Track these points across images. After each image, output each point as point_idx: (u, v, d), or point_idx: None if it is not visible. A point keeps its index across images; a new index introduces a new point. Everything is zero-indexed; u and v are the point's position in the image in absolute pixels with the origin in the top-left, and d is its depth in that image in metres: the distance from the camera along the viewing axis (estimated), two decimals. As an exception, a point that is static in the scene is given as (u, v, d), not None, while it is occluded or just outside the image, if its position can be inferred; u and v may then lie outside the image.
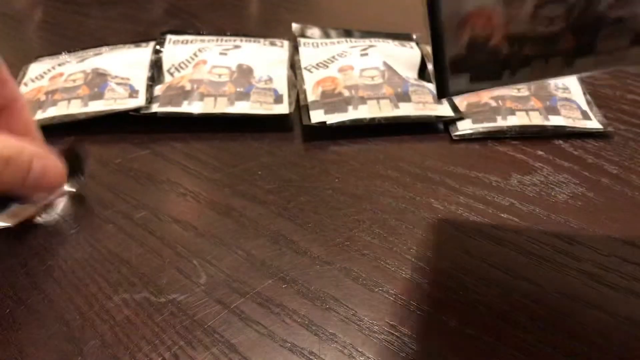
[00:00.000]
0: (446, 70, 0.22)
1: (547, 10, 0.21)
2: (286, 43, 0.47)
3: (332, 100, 0.40)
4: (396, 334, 0.25)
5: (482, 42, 0.22)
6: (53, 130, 0.39)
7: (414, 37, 0.49)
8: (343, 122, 0.38)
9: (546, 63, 0.22)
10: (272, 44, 0.47)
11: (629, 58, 0.23)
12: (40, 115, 0.39)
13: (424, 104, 0.39)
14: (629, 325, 0.25)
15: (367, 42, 0.46)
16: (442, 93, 0.23)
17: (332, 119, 0.38)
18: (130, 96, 0.41)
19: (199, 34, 0.49)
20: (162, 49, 0.46)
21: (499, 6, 0.21)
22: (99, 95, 0.40)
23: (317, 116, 0.38)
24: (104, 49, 0.48)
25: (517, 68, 0.23)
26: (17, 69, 0.46)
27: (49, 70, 0.44)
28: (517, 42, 0.22)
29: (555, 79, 0.29)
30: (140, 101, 0.40)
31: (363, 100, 0.39)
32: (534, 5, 0.21)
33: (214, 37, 0.48)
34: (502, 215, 0.31)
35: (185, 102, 0.39)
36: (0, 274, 0.28)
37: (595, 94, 0.44)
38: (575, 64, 0.23)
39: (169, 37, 0.47)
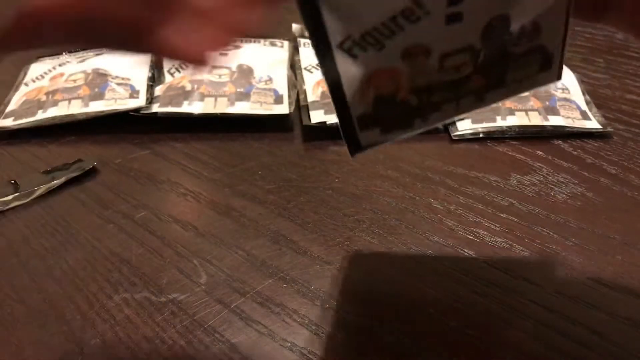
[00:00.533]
0: (355, 128, 0.21)
1: (452, 61, 0.20)
2: (286, 43, 0.48)
3: (332, 100, 0.40)
4: (396, 333, 0.25)
5: (389, 98, 0.20)
6: (54, 130, 0.39)
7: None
8: (343, 122, 0.38)
9: (457, 104, 0.22)
10: (272, 44, 0.47)
11: (538, 82, 0.23)
12: (41, 115, 0.39)
13: (423, 104, 0.40)
14: (628, 325, 0.25)
15: (367, 42, 0.46)
16: (355, 149, 0.21)
17: (332, 119, 0.38)
18: (131, 96, 0.41)
19: (199, 34, 0.49)
20: (162, 50, 0.46)
21: (401, 65, 0.19)
22: (99, 96, 0.40)
23: (317, 116, 0.39)
24: (104, 49, 0.48)
25: (428, 114, 0.22)
26: (18, 69, 0.46)
27: (49, 71, 0.44)
28: (425, 93, 0.21)
29: (468, 114, 0.29)
30: (140, 101, 0.40)
31: (363, 100, 0.39)
32: (439, 58, 0.20)
33: (214, 38, 0.48)
34: (502, 215, 0.31)
35: (186, 102, 0.40)
36: (1, 274, 0.28)
37: (595, 94, 0.44)
38: (487, 98, 0.22)
39: (169, 37, 0.47)
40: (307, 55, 0.46)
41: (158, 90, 0.42)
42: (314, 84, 0.42)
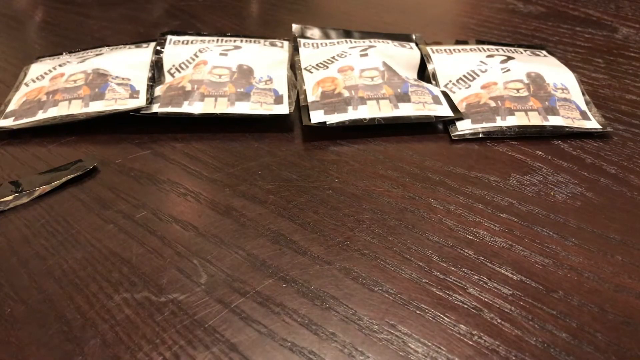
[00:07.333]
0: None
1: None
2: (286, 43, 0.48)
3: (332, 100, 0.40)
4: (396, 333, 0.25)
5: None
6: (54, 130, 0.39)
7: (414, 37, 0.49)
8: (343, 122, 0.38)
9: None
10: (272, 44, 0.47)
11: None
12: (41, 115, 0.39)
13: (423, 104, 0.40)
14: (627, 325, 0.25)
15: (366, 42, 0.46)
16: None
17: (332, 119, 0.38)
18: (131, 96, 0.41)
19: (199, 34, 0.49)
20: (162, 50, 0.46)
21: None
22: (99, 96, 0.40)
23: (317, 116, 0.39)
24: (104, 49, 0.48)
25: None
26: (18, 69, 0.47)
27: (50, 71, 0.44)
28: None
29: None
30: (140, 101, 0.40)
31: (363, 100, 0.40)
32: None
33: (215, 38, 0.48)
34: (502, 215, 0.32)
35: (186, 103, 0.40)
36: (1, 274, 0.28)
37: (594, 94, 0.44)
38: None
39: (169, 37, 0.48)
40: (307, 55, 0.46)
41: (158, 90, 0.42)
42: (314, 84, 0.42)
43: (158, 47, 0.46)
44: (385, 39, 0.48)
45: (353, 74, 0.42)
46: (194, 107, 0.39)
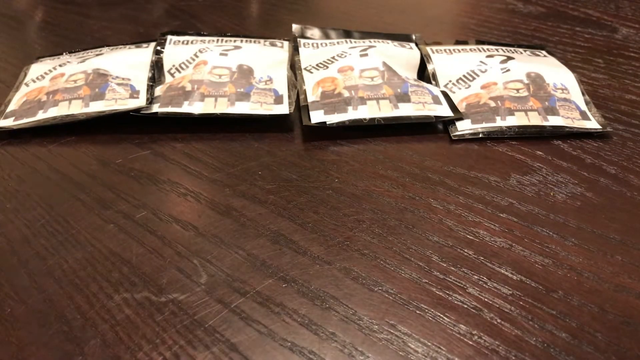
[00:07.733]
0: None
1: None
2: (286, 43, 0.48)
3: (332, 100, 0.40)
4: (396, 333, 0.25)
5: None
6: (54, 130, 0.39)
7: (414, 37, 0.49)
8: (343, 122, 0.38)
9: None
10: (272, 44, 0.47)
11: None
12: (41, 115, 0.39)
13: (423, 104, 0.40)
14: (627, 325, 0.25)
15: (366, 42, 0.46)
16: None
17: (332, 119, 0.38)
18: (131, 96, 0.41)
19: (199, 34, 0.49)
20: (162, 50, 0.46)
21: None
22: (99, 96, 0.40)
23: (317, 116, 0.39)
24: (104, 49, 0.48)
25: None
26: (18, 69, 0.47)
27: (50, 71, 0.44)
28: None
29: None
30: (141, 101, 0.40)
31: (363, 100, 0.40)
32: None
33: (215, 38, 0.48)
34: (501, 215, 0.32)
35: (186, 103, 0.40)
36: (1, 274, 0.28)
37: (594, 95, 0.44)
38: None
39: (169, 37, 0.48)
40: (307, 55, 0.46)
41: (158, 90, 0.42)
42: (314, 84, 0.42)
43: (158, 47, 0.46)
44: (385, 39, 0.48)
45: (353, 74, 0.42)
46: (194, 107, 0.39)
